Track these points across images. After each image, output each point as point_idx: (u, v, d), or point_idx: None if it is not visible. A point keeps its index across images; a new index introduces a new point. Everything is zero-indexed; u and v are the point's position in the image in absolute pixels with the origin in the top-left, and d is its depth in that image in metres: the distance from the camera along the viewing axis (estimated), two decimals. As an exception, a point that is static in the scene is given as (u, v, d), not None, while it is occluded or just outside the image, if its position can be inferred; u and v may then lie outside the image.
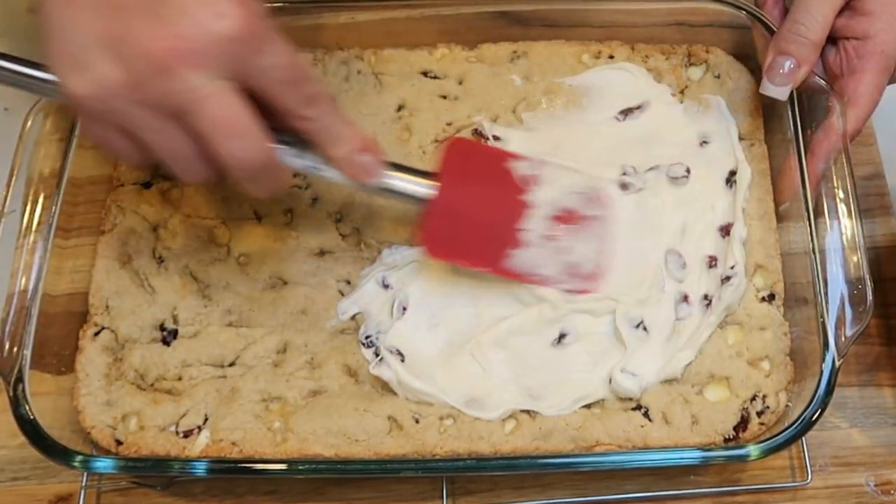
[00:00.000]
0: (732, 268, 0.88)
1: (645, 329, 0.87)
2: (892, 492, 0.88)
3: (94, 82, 0.68)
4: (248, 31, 0.68)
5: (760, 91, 0.90)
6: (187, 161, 0.72)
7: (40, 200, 0.87)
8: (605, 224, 0.90)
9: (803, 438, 0.88)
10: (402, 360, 0.86)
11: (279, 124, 0.75)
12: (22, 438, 0.80)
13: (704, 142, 0.95)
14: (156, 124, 0.70)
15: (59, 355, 0.87)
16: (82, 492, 0.88)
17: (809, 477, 0.88)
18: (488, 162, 0.90)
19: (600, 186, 0.91)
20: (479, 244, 0.87)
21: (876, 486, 0.89)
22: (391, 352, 0.86)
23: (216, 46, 0.67)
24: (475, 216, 0.87)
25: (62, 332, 0.88)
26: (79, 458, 0.79)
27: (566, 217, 0.88)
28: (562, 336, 0.87)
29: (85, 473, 0.88)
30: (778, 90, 0.89)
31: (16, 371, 0.81)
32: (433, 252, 0.87)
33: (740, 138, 0.95)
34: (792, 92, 0.89)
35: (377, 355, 0.86)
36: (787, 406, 0.85)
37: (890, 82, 0.90)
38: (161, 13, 0.67)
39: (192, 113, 0.68)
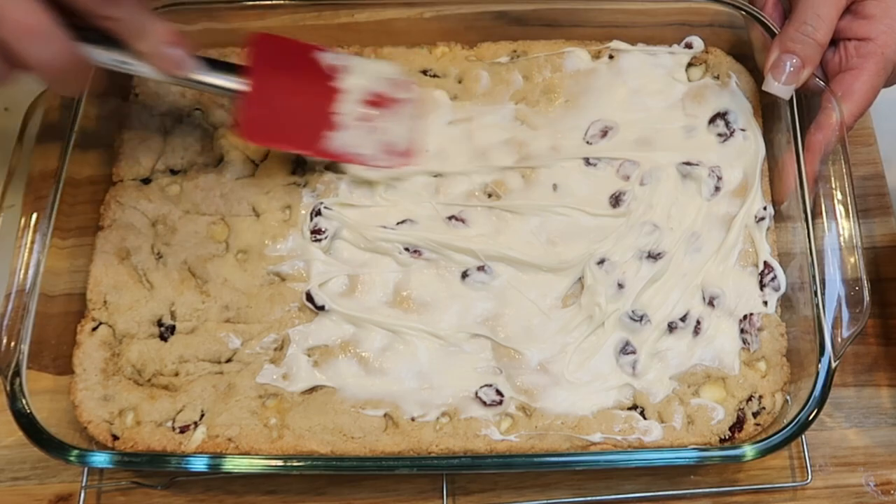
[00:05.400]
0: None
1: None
2: (891, 492, 0.88)
3: None
4: None
5: (763, 89, 0.91)
6: None
7: (39, 198, 0.87)
8: (414, 105, 0.95)
9: (803, 438, 0.88)
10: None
11: (84, 23, 0.76)
12: (22, 437, 0.80)
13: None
14: None
15: (57, 355, 0.87)
16: (82, 491, 0.88)
17: (810, 477, 0.88)
18: (295, 54, 0.93)
19: (406, 74, 0.96)
20: (295, 129, 0.92)
21: (876, 485, 0.88)
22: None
23: None
24: (288, 102, 0.91)
25: (60, 331, 0.88)
26: (75, 452, 0.80)
27: (377, 101, 0.94)
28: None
29: (85, 473, 0.88)
30: (781, 88, 0.89)
31: (13, 366, 0.81)
32: (252, 137, 0.91)
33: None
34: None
35: None
36: (785, 402, 0.85)
37: (887, 84, 0.90)
38: None
39: None
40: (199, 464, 0.80)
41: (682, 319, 0.88)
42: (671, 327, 0.87)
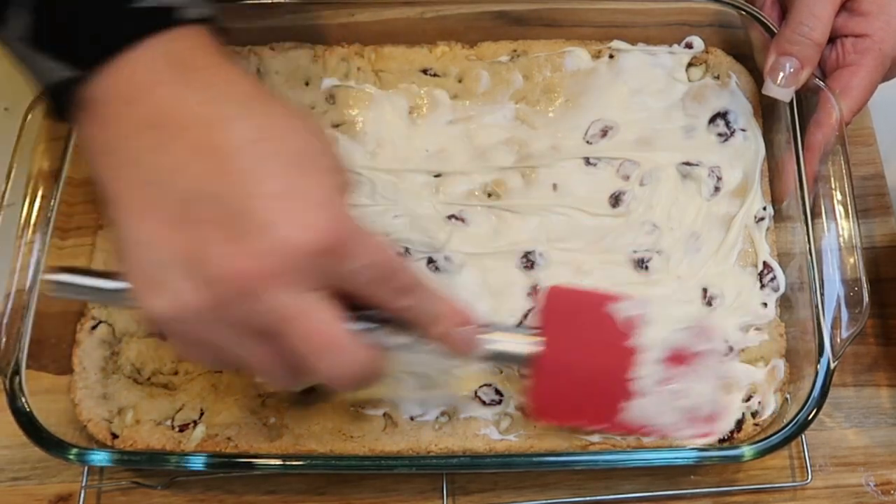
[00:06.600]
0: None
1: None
2: (892, 492, 0.88)
3: (173, 303, 0.62)
4: (335, 240, 0.61)
5: (763, 92, 0.90)
6: (279, 374, 0.66)
7: (38, 197, 0.87)
8: (716, 358, 0.84)
9: (803, 438, 0.88)
10: None
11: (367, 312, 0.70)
12: (22, 438, 0.80)
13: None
14: (242, 342, 0.64)
15: (56, 354, 0.87)
16: (82, 491, 0.88)
17: (810, 477, 0.88)
18: (589, 308, 0.82)
19: (704, 318, 0.86)
20: (590, 400, 0.81)
21: (876, 486, 0.88)
22: None
23: (303, 262, 0.60)
24: (584, 371, 0.80)
25: (60, 331, 0.88)
26: (74, 450, 0.80)
27: (677, 357, 0.82)
28: None
29: (85, 473, 0.88)
30: (781, 91, 0.89)
31: (12, 364, 0.81)
32: (543, 416, 0.82)
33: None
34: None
35: None
36: (785, 402, 0.85)
37: (884, 80, 0.90)
38: (240, 227, 0.60)
39: (281, 332, 0.62)
40: (199, 462, 0.80)
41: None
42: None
